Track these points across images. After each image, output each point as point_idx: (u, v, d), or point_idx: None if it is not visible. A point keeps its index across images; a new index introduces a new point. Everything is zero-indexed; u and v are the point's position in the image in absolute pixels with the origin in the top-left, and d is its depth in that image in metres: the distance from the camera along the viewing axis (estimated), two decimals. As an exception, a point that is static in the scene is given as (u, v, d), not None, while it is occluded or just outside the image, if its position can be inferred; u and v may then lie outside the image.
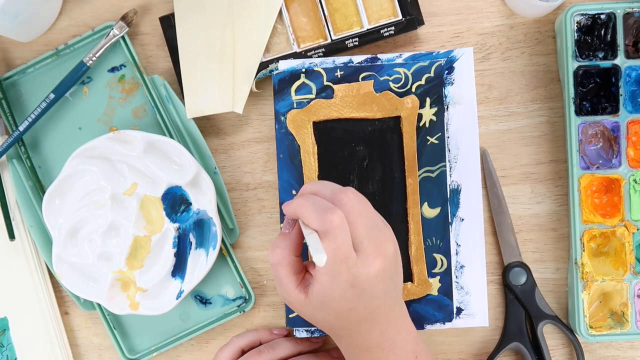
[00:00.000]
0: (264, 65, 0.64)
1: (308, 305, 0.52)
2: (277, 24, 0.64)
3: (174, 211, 0.63)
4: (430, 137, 0.62)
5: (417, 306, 0.62)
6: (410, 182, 0.62)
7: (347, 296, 0.50)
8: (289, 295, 0.53)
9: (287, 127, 0.62)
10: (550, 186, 0.65)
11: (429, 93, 0.62)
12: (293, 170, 0.63)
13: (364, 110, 0.62)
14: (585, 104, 0.62)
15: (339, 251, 0.49)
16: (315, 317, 0.53)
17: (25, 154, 0.65)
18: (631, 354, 0.64)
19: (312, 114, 0.62)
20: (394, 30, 0.63)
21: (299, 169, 0.63)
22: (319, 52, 0.64)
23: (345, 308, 0.51)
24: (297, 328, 0.63)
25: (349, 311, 0.51)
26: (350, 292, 0.50)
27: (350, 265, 0.49)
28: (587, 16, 0.61)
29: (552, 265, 0.65)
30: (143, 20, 0.66)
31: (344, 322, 0.52)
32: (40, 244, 0.64)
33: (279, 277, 0.53)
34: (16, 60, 0.67)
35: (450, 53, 0.63)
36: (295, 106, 0.63)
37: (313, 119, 0.62)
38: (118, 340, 0.65)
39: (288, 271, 0.52)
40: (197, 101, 0.63)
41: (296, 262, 0.53)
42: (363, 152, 0.63)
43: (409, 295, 0.62)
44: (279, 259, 0.52)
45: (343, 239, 0.49)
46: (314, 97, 0.63)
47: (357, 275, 0.50)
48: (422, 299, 0.62)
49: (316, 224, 0.50)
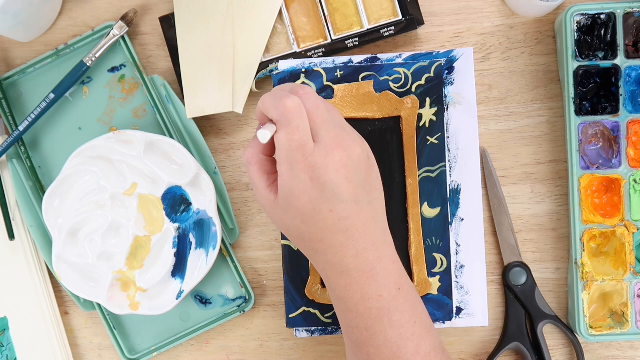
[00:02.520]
0: (264, 65, 0.64)
1: (277, 207, 0.51)
2: (277, 24, 0.64)
3: (174, 211, 0.63)
4: (430, 137, 0.62)
5: None
6: (410, 182, 0.62)
7: (308, 190, 0.48)
8: (261, 196, 0.52)
9: None
10: (550, 186, 0.65)
11: (429, 93, 0.62)
12: None
13: (363, 110, 0.62)
14: (585, 104, 0.62)
15: (294, 136, 0.48)
16: (286, 224, 0.51)
17: (25, 154, 0.65)
18: (631, 354, 0.64)
19: None
20: (394, 30, 0.63)
21: None
22: (319, 52, 0.64)
23: (309, 208, 0.49)
24: (297, 328, 0.63)
25: (313, 212, 0.49)
26: (310, 186, 0.48)
27: (306, 153, 0.48)
28: (587, 16, 0.61)
29: (552, 265, 0.65)
30: (143, 20, 0.66)
31: (312, 229, 0.50)
32: (40, 244, 0.64)
33: (251, 177, 0.52)
34: (16, 60, 0.67)
35: (450, 53, 0.63)
36: None
37: None
38: (118, 340, 0.65)
39: (258, 169, 0.52)
40: (197, 101, 0.63)
41: (266, 161, 0.52)
42: None
43: None
44: (249, 157, 0.52)
45: (298, 124, 0.48)
46: None
47: (315, 165, 0.48)
48: (422, 298, 0.62)
49: (273, 111, 0.49)
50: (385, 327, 0.50)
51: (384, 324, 0.50)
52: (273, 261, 0.66)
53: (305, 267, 0.63)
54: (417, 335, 0.51)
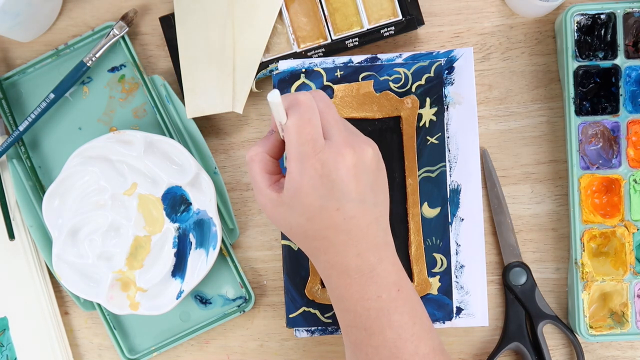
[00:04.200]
0: (264, 65, 0.64)
1: (281, 204, 0.50)
2: (277, 23, 0.64)
3: (174, 211, 0.63)
4: (430, 137, 0.62)
5: None
6: (410, 182, 0.62)
7: (317, 187, 0.48)
8: (262, 194, 0.51)
9: None
10: (550, 186, 0.65)
11: (429, 93, 0.62)
12: None
13: (363, 110, 0.62)
14: (585, 104, 0.62)
15: (305, 129, 0.48)
16: (288, 222, 0.51)
17: (25, 154, 0.65)
18: (631, 354, 0.64)
19: None
20: (394, 30, 0.63)
21: None
22: (319, 52, 0.64)
23: (316, 205, 0.49)
24: (297, 328, 0.63)
25: (320, 209, 0.49)
26: (319, 183, 0.48)
27: (317, 148, 0.48)
28: (587, 16, 0.61)
29: (552, 265, 0.65)
30: (143, 20, 0.66)
31: (317, 226, 0.50)
32: (40, 244, 0.64)
33: (252, 175, 0.52)
34: (16, 60, 0.67)
35: (450, 53, 0.63)
36: None
37: None
38: (118, 340, 0.65)
39: (261, 168, 0.52)
40: (197, 101, 0.63)
41: (270, 162, 0.52)
42: None
43: None
44: (253, 155, 0.52)
45: (309, 117, 0.48)
46: None
47: (325, 162, 0.48)
48: (422, 298, 0.62)
49: (285, 102, 0.49)
50: (384, 327, 0.50)
51: (382, 325, 0.50)
52: (273, 261, 0.66)
53: (305, 267, 0.63)
54: (416, 336, 0.50)
